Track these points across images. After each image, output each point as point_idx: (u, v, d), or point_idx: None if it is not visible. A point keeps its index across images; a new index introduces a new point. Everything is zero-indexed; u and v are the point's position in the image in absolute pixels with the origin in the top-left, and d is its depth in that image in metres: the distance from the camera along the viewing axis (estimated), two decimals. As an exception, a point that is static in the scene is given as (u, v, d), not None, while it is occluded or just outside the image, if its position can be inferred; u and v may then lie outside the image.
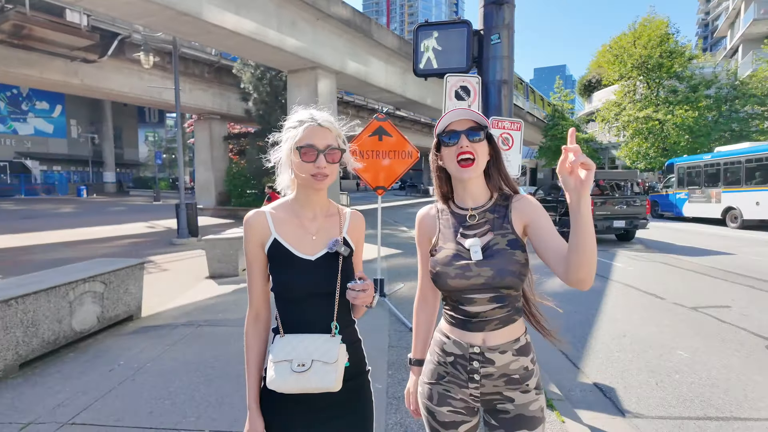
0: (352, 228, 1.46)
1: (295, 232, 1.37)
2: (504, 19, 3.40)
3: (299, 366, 1.24)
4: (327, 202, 1.46)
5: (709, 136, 22.04)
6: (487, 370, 1.33)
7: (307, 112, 1.36)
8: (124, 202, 32.35)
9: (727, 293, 6.66)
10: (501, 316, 1.33)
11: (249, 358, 1.39)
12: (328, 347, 1.27)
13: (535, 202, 1.38)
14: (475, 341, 1.34)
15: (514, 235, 1.33)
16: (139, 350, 4.18)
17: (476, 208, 1.39)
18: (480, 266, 1.30)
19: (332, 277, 1.33)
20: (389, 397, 3.28)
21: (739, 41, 34.05)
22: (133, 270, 5.03)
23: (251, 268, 1.39)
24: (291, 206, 1.42)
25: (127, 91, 18.30)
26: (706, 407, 3.34)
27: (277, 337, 1.34)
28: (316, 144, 1.29)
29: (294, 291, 1.33)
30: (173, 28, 11.15)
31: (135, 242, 12.50)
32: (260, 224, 1.37)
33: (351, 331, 1.42)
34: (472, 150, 1.32)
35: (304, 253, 1.35)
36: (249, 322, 1.41)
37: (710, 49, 60.80)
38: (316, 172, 1.30)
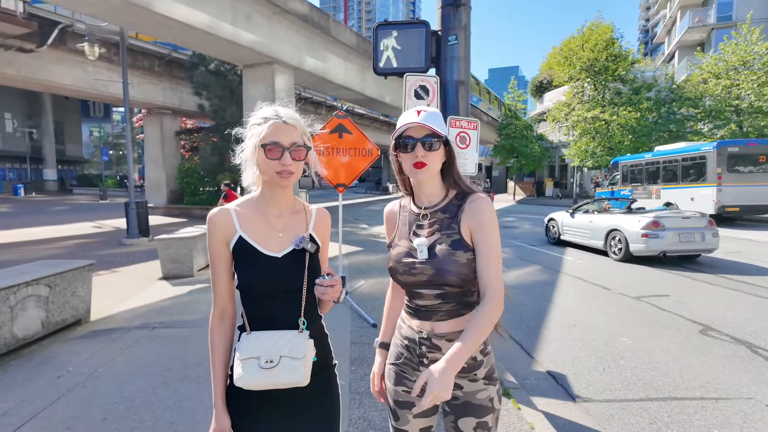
0: (318, 225, 1.48)
1: (260, 230, 1.38)
2: (461, 21, 3.50)
3: (267, 362, 1.25)
4: (293, 199, 1.47)
5: (650, 136, 23.38)
6: (435, 356, 1.41)
7: (271, 108, 1.36)
8: (67, 201, 30.49)
9: (666, 283, 7.14)
10: (447, 309, 1.42)
11: (214, 357, 1.38)
12: (295, 343, 1.29)
13: (486, 207, 1.39)
14: (424, 328, 1.44)
15: (459, 236, 1.38)
16: (89, 355, 3.99)
17: (430, 207, 1.46)
18: (424, 264, 1.39)
19: (299, 274, 1.35)
20: (352, 393, 3.31)
21: (676, 48, 36.32)
22: (81, 272, 4.80)
23: (216, 266, 1.38)
24: (256, 203, 1.42)
25: (70, 83, 17.27)
26: (648, 389, 3.59)
27: (243, 334, 1.34)
28: (281, 141, 1.30)
29: (261, 288, 1.34)
30: (120, 18, 10.63)
31: (81, 243, 11.85)
32: (225, 222, 1.37)
33: (318, 326, 1.45)
34: (425, 161, 1.37)
35: (271, 250, 1.36)
36: (214, 320, 1.41)
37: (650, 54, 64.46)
38: (282, 169, 1.31)
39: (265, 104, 1.39)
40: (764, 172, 15.05)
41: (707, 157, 15.24)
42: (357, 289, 6.65)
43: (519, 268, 8.58)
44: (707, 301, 6.08)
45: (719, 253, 9.56)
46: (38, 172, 44.56)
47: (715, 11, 31.69)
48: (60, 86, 17.60)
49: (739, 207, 14.81)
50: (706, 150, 15.37)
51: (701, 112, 22.81)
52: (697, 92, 23.17)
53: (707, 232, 8.59)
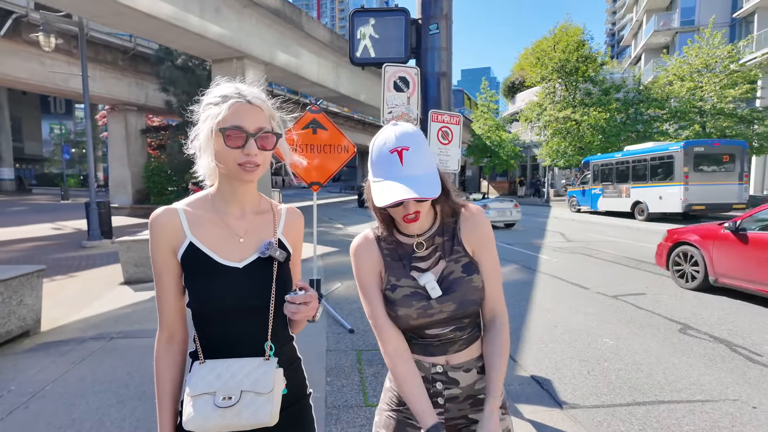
0: (289, 227, 1.24)
1: (217, 234, 1.12)
2: (442, 9, 3.31)
3: (225, 399, 1.00)
4: (257, 196, 1.22)
5: (619, 136, 23.92)
6: (452, 392, 1.21)
7: (232, 85, 1.10)
8: (25, 201, 28.95)
9: (642, 281, 7.17)
10: (465, 338, 1.22)
11: (161, 391, 1.12)
12: (261, 373, 1.05)
13: (485, 221, 1.23)
14: (438, 362, 1.21)
15: (468, 258, 1.20)
16: (35, 371, 3.61)
17: (422, 234, 1.22)
18: (441, 302, 1.16)
19: (265, 288, 1.11)
20: (329, 407, 3.07)
21: (642, 50, 37.36)
22: (29, 278, 4.38)
23: (160, 279, 1.12)
24: (212, 202, 1.16)
25: (26, 77, 16.29)
26: (634, 392, 3.48)
27: (195, 363, 1.09)
28: (245, 126, 1.05)
29: (216, 306, 1.08)
30: (76, 6, 10.02)
31: (37, 246, 11.15)
32: (171, 225, 1.10)
33: (289, 350, 1.21)
34: (418, 209, 1.11)
35: (229, 259, 1.11)
36: (160, 345, 1.15)
37: (617, 57, 66.33)
38: (245, 160, 1.06)
39: (225, 80, 1.14)
40: (727, 172, 15.54)
41: (675, 156, 15.62)
42: (333, 292, 6.40)
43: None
44: (682, 299, 6.10)
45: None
46: (-7, 171, 42.26)
47: (678, 15, 32.72)
48: (14, 79, 16.59)
49: (705, 205, 15.25)
50: (674, 150, 15.75)
51: (667, 113, 23.46)
52: (663, 94, 23.83)
53: (513, 210, 15.00)
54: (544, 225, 16.23)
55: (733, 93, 20.41)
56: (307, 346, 4.27)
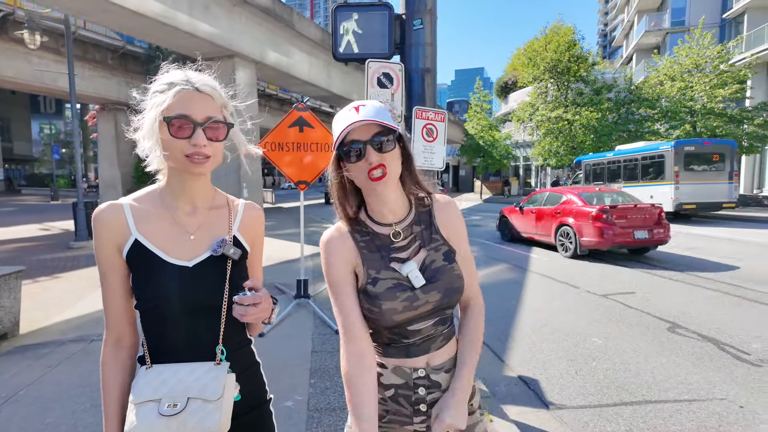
0: (247, 224, 1.17)
1: (165, 231, 1.06)
2: (426, 4, 3.25)
3: (170, 407, 0.94)
4: (211, 191, 1.15)
5: (610, 136, 24.00)
6: (435, 397, 1.15)
7: (180, 72, 1.04)
8: (13, 202, 28.59)
9: (631, 280, 7.16)
10: (445, 333, 1.18)
11: (107, 398, 1.06)
12: (210, 379, 0.98)
13: (457, 212, 1.23)
14: (419, 364, 1.15)
15: (447, 246, 1.18)
16: (10, 375, 3.51)
17: (399, 222, 1.17)
18: (426, 292, 1.11)
19: (217, 288, 1.04)
20: (311, 410, 3.01)
21: (633, 50, 37.59)
22: (6, 280, 4.27)
23: (106, 279, 1.05)
24: (161, 197, 1.09)
25: (12, 75, 16.11)
26: (621, 392, 3.45)
27: (142, 368, 1.03)
28: (192, 115, 0.99)
29: (164, 308, 1.02)
30: (65, 4, 9.89)
31: (23, 247, 10.98)
32: (114, 221, 1.04)
33: (245, 354, 1.15)
34: (382, 162, 1.06)
35: (178, 257, 1.05)
36: (107, 349, 1.08)
37: (609, 57, 66.75)
38: (193, 151, 0.99)
39: (173, 67, 1.07)
40: (717, 171, 15.62)
41: (666, 156, 15.68)
42: (321, 293, 6.33)
43: (487, 267, 8.46)
44: (671, 297, 6.09)
45: (678, 249, 9.77)
46: (-18, 172, 41.76)
47: (669, 16, 32.96)
48: (1, 78, 16.40)
49: (696, 204, 15.31)
50: (665, 149, 15.81)
51: (658, 112, 23.57)
52: (654, 93, 23.94)
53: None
54: (536, 224, 16.23)
55: (723, 93, 20.55)
56: (291, 347, 4.20)
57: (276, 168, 5.43)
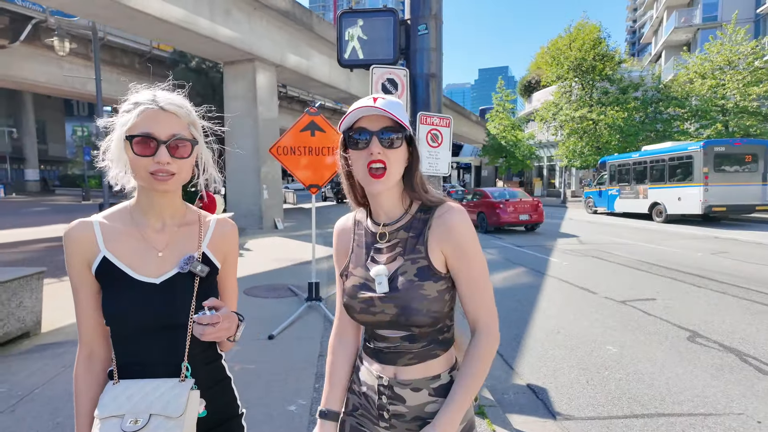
0: (218, 240, 1.18)
1: (133, 248, 1.08)
2: (431, 9, 3.23)
3: (132, 423, 0.95)
4: (182, 207, 1.17)
5: (637, 136, 23.39)
6: (397, 409, 1.11)
7: (149, 92, 1.06)
8: (47, 202, 29.72)
9: (653, 286, 6.95)
10: (416, 351, 1.10)
11: (79, 411, 1.09)
12: (173, 396, 0.99)
13: (460, 221, 1.08)
14: (386, 373, 1.12)
15: (426, 261, 1.07)
16: (28, 373, 3.65)
17: (389, 224, 1.13)
18: (384, 301, 1.07)
19: (184, 305, 1.05)
20: (312, 415, 3.02)
21: (662, 48, 36.53)
22: (29, 281, 4.44)
23: (77, 295, 1.08)
24: (131, 214, 1.12)
25: (44, 81, 16.76)
26: (633, 404, 3.35)
27: (109, 384, 1.05)
28: (155, 133, 1.01)
29: (130, 323, 1.04)
30: (89, 11, 10.21)
31: (51, 246, 11.39)
32: (84, 238, 1.06)
33: (214, 369, 1.15)
34: (384, 159, 1.04)
35: (146, 274, 1.06)
36: (79, 363, 1.11)
37: (638, 55, 64.97)
38: (157, 169, 1.01)
39: (143, 87, 1.09)
40: (750, 172, 15.03)
41: (694, 156, 15.18)
42: (332, 296, 6.36)
43: (504, 270, 8.35)
44: (694, 304, 5.88)
45: (705, 253, 9.44)
46: (19, 172, 43.51)
47: (700, 11, 31.90)
48: (33, 83, 17.08)
49: (726, 207, 14.77)
50: (693, 149, 15.31)
51: (687, 111, 22.86)
52: (684, 92, 23.23)
53: None
54: (557, 226, 15.93)
55: (758, 91, 19.77)
56: (299, 350, 4.23)
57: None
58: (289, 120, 24.95)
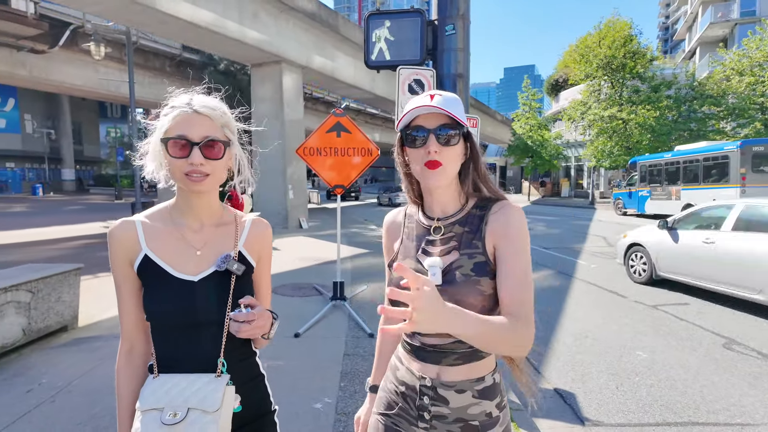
0: (253, 240, 1.21)
1: (173, 246, 1.12)
2: (459, 9, 3.21)
3: (171, 416, 0.99)
4: (218, 208, 1.20)
5: (670, 135, 22.63)
6: (440, 411, 1.10)
7: (186, 95, 1.10)
8: (82, 201, 30.87)
9: (687, 290, 6.72)
10: (463, 351, 1.09)
11: (121, 403, 1.13)
12: (209, 391, 1.02)
13: (516, 217, 1.09)
14: (428, 373, 1.12)
15: (484, 257, 1.07)
16: (66, 366, 3.80)
17: (443, 218, 1.14)
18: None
19: (221, 303, 1.09)
20: (338, 413, 3.05)
21: (697, 44, 35.28)
22: (67, 276, 4.63)
23: (120, 291, 1.13)
24: (170, 214, 1.16)
25: (81, 84, 17.41)
26: (665, 411, 3.25)
27: (149, 377, 1.09)
28: (189, 135, 1.04)
29: (170, 320, 1.08)
30: (124, 17, 10.57)
31: (88, 243, 11.83)
32: (127, 237, 1.11)
33: (248, 366, 1.18)
34: (440, 156, 1.06)
35: (184, 272, 1.10)
36: (121, 357, 1.15)
37: (670, 52, 62.98)
38: (191, 170, 1.04)
39: (181, 91, 1.13)
40: (791, 173, 14.37)
41: (730, 156, 14.62)
42: (357, 295, 6.39)
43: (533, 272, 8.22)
44: (730, 310, 5.66)
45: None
46: (56, 172, 45.33)
47: (738, 6, 30.67)
48: (70, 87, 17.76)
49: (765, 209, 14.15)
50: (730, 149, 14.74)
51: (724, 110, 22.01)
52: (720, 90, 22.38)
53: None
54: (586, 228, 15.59)
55: (799, 87, 18.90)
56: (324, 348, 4.27)
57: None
58: (313, 121, 25.19)
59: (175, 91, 1.13)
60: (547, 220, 18.31)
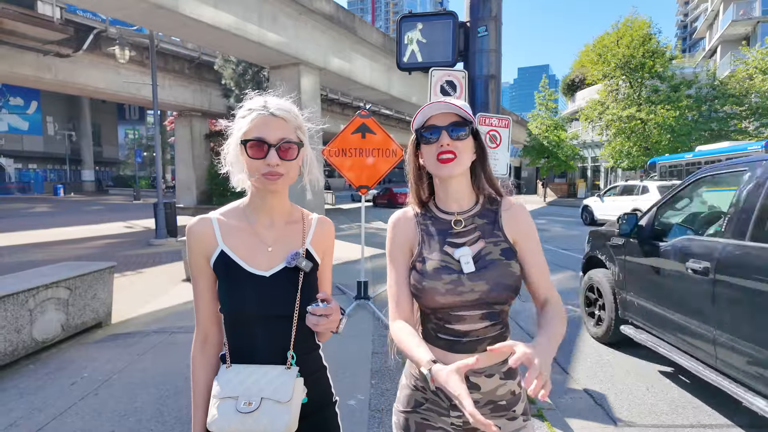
0: (319, 237, 1.26)
1: (246, 243, 1.18)
2: (491, 11, 3.24)
3: (246, 405, 1.05)
4: (288, 206, 1.26)
5: (690, 136, 22.26)
6: (472, 397, 1.14)
7: (260, 98, 1.16)
8: (102, 201, 31.51)
9: (712, 292, 6.62)
10: (494, 335, 1.18)
11: (196, 389, 1.20)
12: (281, 382, 1.08)
13: (527, 215, 1.25)
14: None
15: (508, 244, 1.19)
16: (105, 360, 3.92)
17: (462, 212, 1.22)
18: (473, 280, 1.14)
19: (290, 297, 1.14)
20: (372, 410, 3.09)
21: (718, 42, 34.66)
22: (102, 274, 4.76)
23: (196, 284, 1.19)
24: (244, 212, 1.22)
25: (104, 87, 17.76)
26: (699, 413, 3.23)
27: (222, 367, 1.15)
28: (266, 137, 1.10)
29: (243, 313, 1.13)
30: (149, 21, 10.77)
31: (111, 243, 12.09)
32: (204, 233, 1.17)
33: (313, 359, 1.24)
34: (453, 149, 1.15)
35: (257, 267, 1.15)
36: (196, 346, 1.22)
37: (689, 50, 61.97)
38: (268, 170, 1.10)
39: (255, 93, 1.19)
40: (817, 173, 14.04)
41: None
42: (380, 294, 6.44)
43: (553, 274, 8.11)
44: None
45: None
46: (77, 173, 46.34)
47: (760, 3, 30.08)
48: (94, 89, 18.13)
49: (790, 210, 13.85)
50: (754, 149, 14.44)
51: (746, 109, 21.61)
52: (742, 89, 21.97)
53: None
54: (604, 229, 15.43)
55: (825, 86, 18.46)
56: (353, 349, 4.32)
57: (338, 172, 5.61)
58: (329, 122, 25.32)
59: (250, 94, 1.19)
60: (564, 222, 18.16)
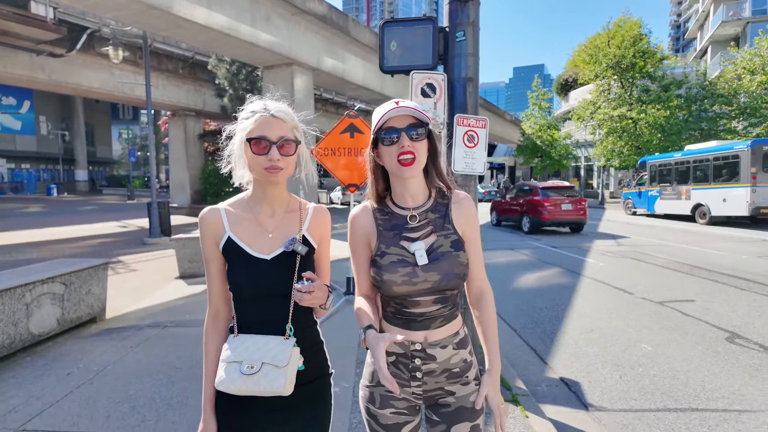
0: (315, 224, 1.43)
1: (250, 230, 1.35)
2: (469, 17, 3.39)
3: (248, 368, 1.22)
4: (287, 197, 1.43)
5: (680, 135, 22.56)
6: (429, 367, 1.33)
7: (261, 102, 1.33)
8: (96, 201, 31.48)
9: (693, 287, 6.84)
10: (445, 314, 1.34)
11: (207, 359, 1.38)
12: (279, 350, 1.25)
13: (473, 206, 1.40)
14: (417, 338, 1.33)
15: (457, 236, 1.34)
16: (100, 353, 4.05)
17: (417, 207, 1.36)
18: (426, 271, 1.28)
19: (288, 278, 1.31)
20: (355, 396, 3.25)
21: (708, 43, 35.05)
22: (96, 270, 4.89)
23: (208, 266, 1.37)
24: (247, 203, 1.39)
25: (98, 86, 17.79)
26: (666, 399, 3.41)
27: (230, 336, 1.33)
28: (268, 135, 1.27)
29: (248, 291, 1.31)
30: (143, 21, 10.87)
31: (105, 242, 12.17)
32: (214, 221, 1.35)
33: (310, 333, 1.40)
34: (413, 149, 1.26)
35: (260, 251, 1.33)
36: (208, 320, 1.40)
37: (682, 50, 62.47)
38: (269, 165, 1.27)
39: (256, 98, 1.37)
40: (802, 172, 14.32)
41: (741, 156, 14.61)
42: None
43: (539, 270, 8.38)
44: (735, 307, 5.78)
45: (752, 256, 9.14)
46: (70, 173, 46.12)
47: (750, 4, 30.47)
48: (88, 89, 18.14)
49: (775, 208, 14.13)
50: (740, 149, 14.73)
51: (735, 109, 21.93)
52: (731, 89, 22.28)
53: None
54: (595, 228, 15.65)
55: (812, 86, 18.77)
56: (340, 338, 4.46)
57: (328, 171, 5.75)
58: (323, 122, 25.43)
59: (251, 97, 1.37)
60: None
